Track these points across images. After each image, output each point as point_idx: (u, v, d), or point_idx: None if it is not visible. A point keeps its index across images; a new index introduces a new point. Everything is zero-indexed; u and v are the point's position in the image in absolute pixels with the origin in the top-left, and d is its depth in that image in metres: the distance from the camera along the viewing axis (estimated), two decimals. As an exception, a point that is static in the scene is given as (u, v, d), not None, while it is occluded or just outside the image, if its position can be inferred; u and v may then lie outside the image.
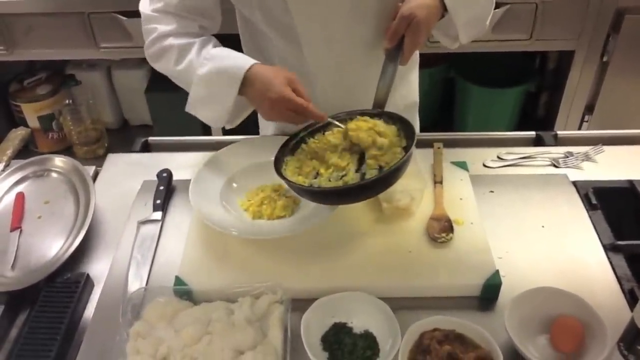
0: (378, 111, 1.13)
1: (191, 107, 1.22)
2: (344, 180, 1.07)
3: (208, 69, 1.16)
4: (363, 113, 1.15)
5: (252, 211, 1.18)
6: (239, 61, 1.15)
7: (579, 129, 2.40)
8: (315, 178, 1.09)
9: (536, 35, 2.18)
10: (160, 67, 1.24)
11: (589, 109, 2.36)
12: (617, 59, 2.20)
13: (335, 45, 1.24)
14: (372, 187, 1.03)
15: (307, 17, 1.19)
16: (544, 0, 2.10)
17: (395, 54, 1.14)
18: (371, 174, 1.06)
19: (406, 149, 1.07)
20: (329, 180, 1.07)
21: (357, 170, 1.08)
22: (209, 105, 1.20)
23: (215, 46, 1.22)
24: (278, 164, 1.10)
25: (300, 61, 1.26)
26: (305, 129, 1.16)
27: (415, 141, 1.04)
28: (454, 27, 1.19)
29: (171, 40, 1.19)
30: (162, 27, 1.20)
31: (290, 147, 1.14)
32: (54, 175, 1.33)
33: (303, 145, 1.15)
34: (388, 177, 1.02)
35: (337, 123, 1.13)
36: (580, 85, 2.30)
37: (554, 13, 2.13)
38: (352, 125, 1.11)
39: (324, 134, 1.15)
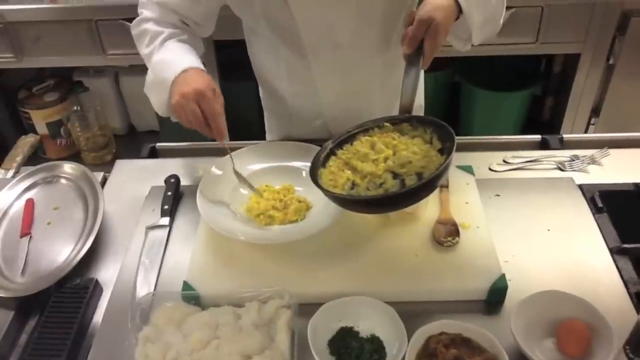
0: (406, 116, 1.12)
1: (146, 89, 1.27)
2: (384, 188, 1.04)
3: (159, 58, 1.22)
4: (391, 120, 1.13)
5: (263, 219, 1.18)
6: (184, 59, 1.19)
7: (586, 131, 2.40)
8: (352, 189, 1.07)
9: (542, 39, 2.19)
10: (138, 48, 1.30)
11: (596, 111, 2.36)
12: (623, 62, 2.20)
13: (340, 52, 1.24)
14: (416, 193, 1.00)
15: (311, 24, 1.20)
16: (549, 4, 2.11)
17: (416, 58, 1.13)
18: (411, 179, 1.03)
19: (441, 151, 1.05)
20: (368, 190, 1.05)
21: (394, 178, 1.06)
22: (154, 91, 1.24)
23: (179, 41, 1.25)
24: (314, 177, 1.08)
25: (305, 67, 1.27)
26: (333, 140, 1.14)
27: (455, 143, 1.01)
28: (467, 29, 1.18)
29: (149, 25, 1.26)
30: (146, 13, 1.27)
31: (321, 159, 1.12)
32: (63, 181, 1.34)
33: (333, 157, 1.13)
34: (431, 183, 0.99)
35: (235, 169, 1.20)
36: (587, 88, 2.31)
37: (560, 16, 2.14)
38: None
39: (351, 144, 1.14)
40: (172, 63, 1.19)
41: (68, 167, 1.35)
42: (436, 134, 1.09)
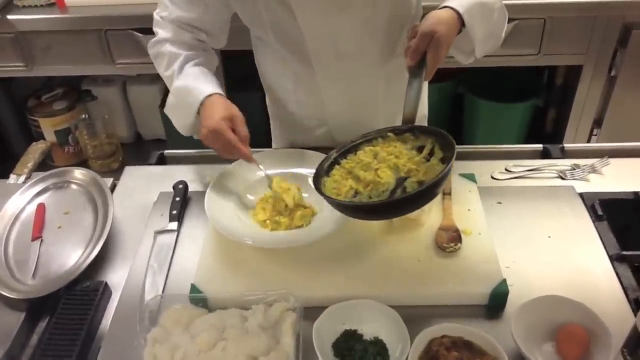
0: (409, 127, 1.14)
1: (167, 110, 1.34)
2: (385, 196, 1.06)
3: (180, 84, 1.27)
4: (394, 130, 1.15)
5: (270, 224, 1.21)
6: (205, 87, 1.25)
7: (588, 142, 2.41)
8: (355, 197, 1.09)
9: (544, 51, 2.21)
10: (157, 68, 1.35)
11: (598, 123, 2.37)
12: (625, 74, 2.22)
13: (345, 61, 1.27)
14: (415, 200, 1.02)
15: (317, 34, 1.22)
16: (551, 16, 2.13)
17: (418, 71, 1.15)
18: (412, 187, 1.05)
19: (443, 160, 1.07)
20: (370, 198, 1.07)
21: (397, 187, 1.07)
22: (176, 114, 1.32)
23: (196, 64, 1.29)
24: (317, 185, 1.10)
25: (311, 76, 1.30)
26: (337, 150, 1.16)
27: (455, 153, 1.03)
28: (470, 42, 1.20)
29: (166, 47, 1.30)
30: (162, 33, 1.31)
31: (325, 168, 1.14)
32: (74, 187, 1.36)
33: (337, 166, 1.15)
34: (430, 189, 1.01)
35: (267, 173, 1.25)
36: (589, 99, 2.32)
37: (562, 28, 2.16)
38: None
39: (355, 154, 1.16)
40: (194, 90, 1.25)
41: (78, 173, 1.38)
42: (438, 143, 1.11)
